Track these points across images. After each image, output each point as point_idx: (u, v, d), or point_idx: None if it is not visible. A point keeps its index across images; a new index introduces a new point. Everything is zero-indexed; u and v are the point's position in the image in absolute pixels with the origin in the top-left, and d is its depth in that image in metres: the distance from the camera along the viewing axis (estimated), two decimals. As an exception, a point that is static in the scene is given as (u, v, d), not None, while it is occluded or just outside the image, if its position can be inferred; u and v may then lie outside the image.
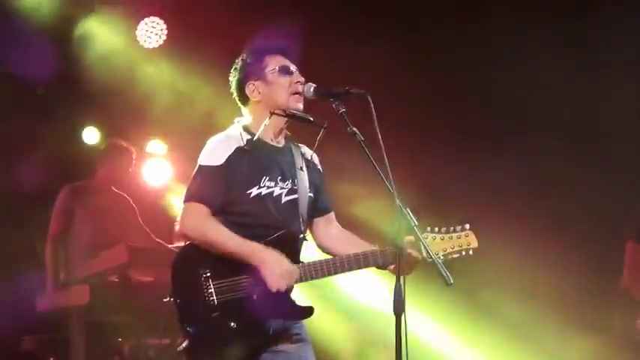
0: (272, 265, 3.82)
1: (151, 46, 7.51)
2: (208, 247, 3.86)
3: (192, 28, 7.32)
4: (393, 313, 3.38)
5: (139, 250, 6.32)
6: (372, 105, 3.63)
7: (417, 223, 3.54)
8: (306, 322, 4.08)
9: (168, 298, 3.90)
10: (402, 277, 3.42)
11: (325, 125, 3.96)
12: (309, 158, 4.20)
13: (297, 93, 4.03)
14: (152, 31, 7.52)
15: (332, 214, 4.26)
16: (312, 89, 3.95)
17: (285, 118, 4.06)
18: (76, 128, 7.56)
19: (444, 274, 3.49)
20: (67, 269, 6.54)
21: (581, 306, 6.54)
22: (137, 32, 7.51)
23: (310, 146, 4.23)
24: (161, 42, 7.53)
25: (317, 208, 4.19)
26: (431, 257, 3.58)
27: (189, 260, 3.91)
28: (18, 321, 6.60)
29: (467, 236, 3.96)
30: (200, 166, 3.96)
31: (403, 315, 3.37)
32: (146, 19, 7.52)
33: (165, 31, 7.53)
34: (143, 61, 7.49)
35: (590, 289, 6.53)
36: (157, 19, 7.53)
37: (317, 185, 4.18)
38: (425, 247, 3.67)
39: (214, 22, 7.13)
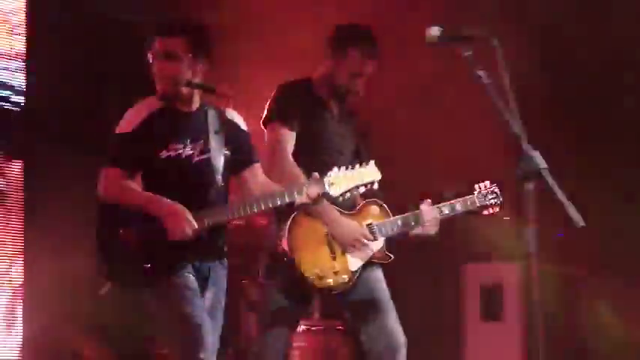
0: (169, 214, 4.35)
1: None
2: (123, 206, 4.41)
3: None
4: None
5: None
6: (499, 50, 3.58)
7: (546, 166, 3.52)
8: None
9: None
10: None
11: (231, 95, 4.51)
12: (230, 117, 4.59)
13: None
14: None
15: (255, 166, 4.66)
16: (437, 32, 3.80)
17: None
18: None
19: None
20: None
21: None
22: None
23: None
24: None
25: (240, 163, 4.62)
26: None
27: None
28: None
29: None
30: (114, 133, 4.48)
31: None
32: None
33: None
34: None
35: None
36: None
37: (236, 143, 4.59)
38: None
39: None
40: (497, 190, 5.15)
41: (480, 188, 5.14)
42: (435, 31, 3.82)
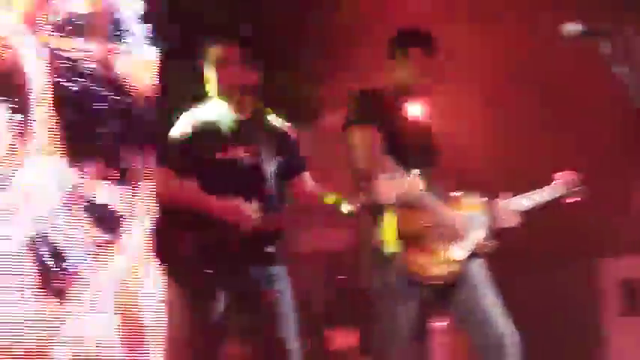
0: (232, 209, 4.43)
1: None
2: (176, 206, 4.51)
3: None
4: None
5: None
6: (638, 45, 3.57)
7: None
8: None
9: None
10: None
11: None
12: (280, 126, 4.74)
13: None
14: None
15: (305, 174, 4.76)
16: (578, 27, 3.74)
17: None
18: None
19: None
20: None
21: None
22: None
23: None
24: None
25: (290, 171, 4.71)
26: None
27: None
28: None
29: None
30: (168, 136, 4.61)
31: None
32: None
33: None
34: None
35: None
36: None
37: (287, 151, 4.69)
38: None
39: None
40: (576, 177, 5.23)
41: (561, 177, 5.22)
42: (574, 26, 3.78)
